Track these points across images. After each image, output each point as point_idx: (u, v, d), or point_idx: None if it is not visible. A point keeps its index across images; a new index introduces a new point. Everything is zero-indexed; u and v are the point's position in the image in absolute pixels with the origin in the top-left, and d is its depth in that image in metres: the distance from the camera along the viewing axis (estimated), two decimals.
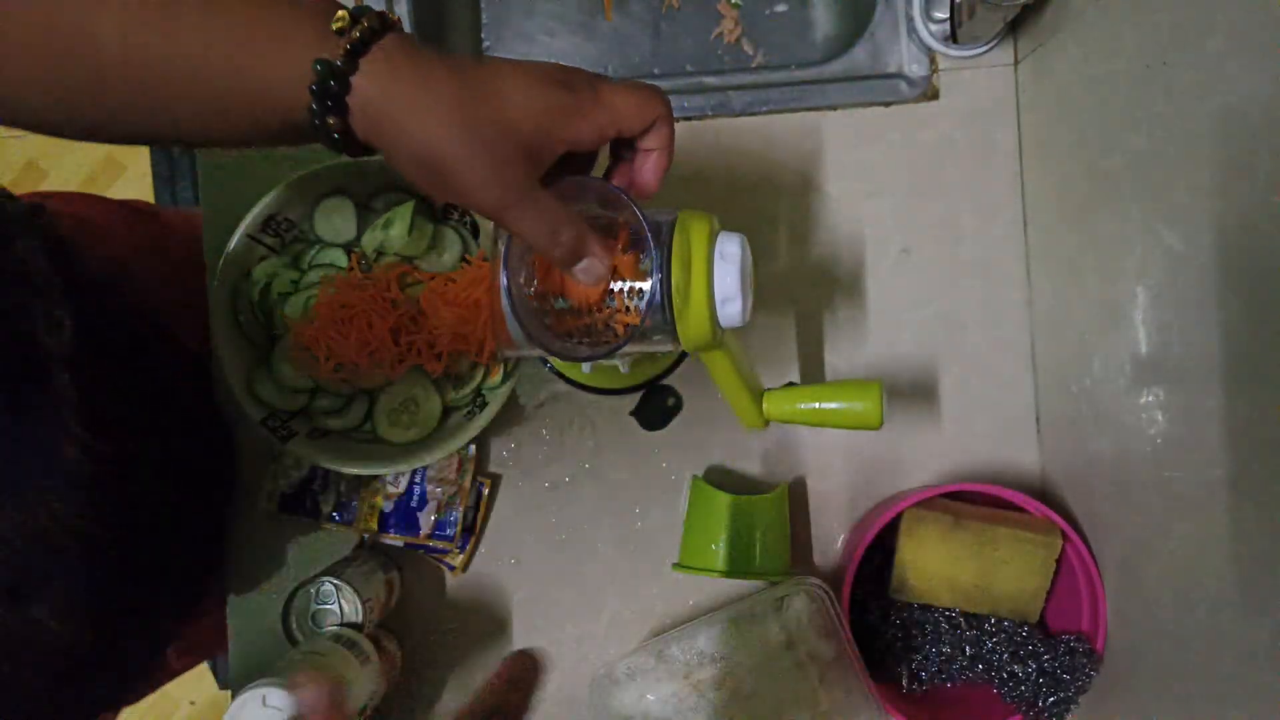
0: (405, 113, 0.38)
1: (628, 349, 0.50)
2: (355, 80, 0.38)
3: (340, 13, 0.39)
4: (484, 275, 0.65)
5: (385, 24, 0.39)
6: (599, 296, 0.48)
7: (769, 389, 0.59)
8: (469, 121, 0.39)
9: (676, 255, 0.47)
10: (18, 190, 0.53)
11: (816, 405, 0.57)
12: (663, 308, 0.47)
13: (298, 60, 0.38)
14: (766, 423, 0.59)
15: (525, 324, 0.48)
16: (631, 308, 0.48)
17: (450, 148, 0.39)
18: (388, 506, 0.72)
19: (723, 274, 0.47)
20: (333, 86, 0.38)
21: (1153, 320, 0.57)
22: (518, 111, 0.40)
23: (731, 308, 0.48)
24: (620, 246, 0.48)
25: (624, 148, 0.48)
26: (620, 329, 0.49)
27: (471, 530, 0.73)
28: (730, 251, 0.47)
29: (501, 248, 0.48)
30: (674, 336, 0.49)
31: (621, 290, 0.48)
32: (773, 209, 0.75)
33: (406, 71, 0.38)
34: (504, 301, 0.48)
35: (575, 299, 0.49)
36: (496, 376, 0.67)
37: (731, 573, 0.68)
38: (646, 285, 0.47)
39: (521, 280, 0.49)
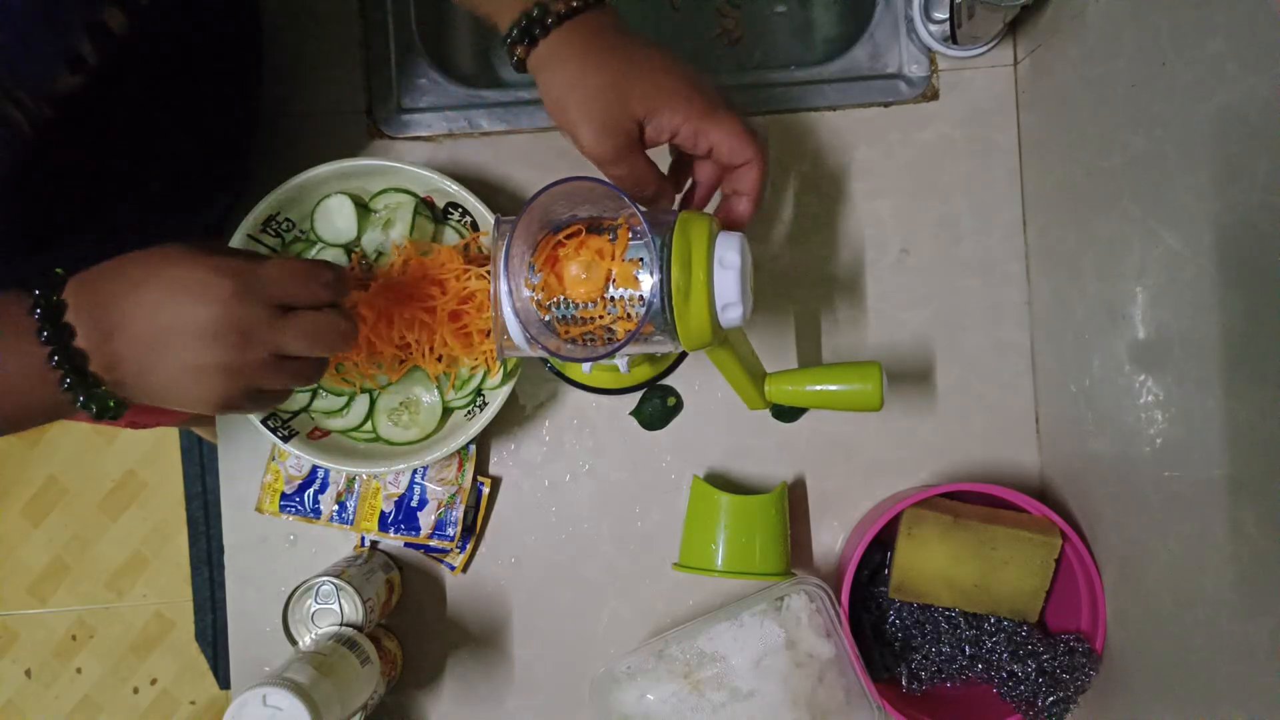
0: (557, 69, 0.51)
1: (629, 349, 0.50)
2: (548, 37, 0.51)
3: None
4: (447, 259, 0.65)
5: (586, 5, 0.52)
6: (599, 294, 0.48)
7: (771, 372, 0.59)
8: (593, 95, 0.51)
9: (677, 256, 0.47)
10: None
11: (818, 387, 0.57)
12: (663, 308, 0.47)
13: None
14: (768, 402, 0.59)
15: (526, 324, 0.48)
16: (633, 314, 0.48)
17: (572, 109, 0.51)
18: (388, 506, 0.72)
19: (723, 281, 0.47)
20: (535, 31, 0.51)
21: (1152, 320, 0.57)
22: (638, 96, 0.51)
23: (732, 312, 0.48)
24: (620, 250, 0.48)
25: (722, 174, 0.57)
26: (622, 334, 0.49)
27: (471, 530, 0.73)
28: (730, 259, 0.47)
29: (502, 250, 0.48)
30: (674, 336, 0.49)
31: (623, 298, 0.48)
32: (773, 209, 0.75)
33: (578, 44, 0.51)
34: (504, 302, 0.49)
35: (576, 297, 0.49)
36: (496, 376, 0.67)
37: (731, 572, 0.68)
38: (647, 289, 0.47)
39: (522, 281, 0.49)
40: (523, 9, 0.51)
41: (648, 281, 0.47)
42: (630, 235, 0.49)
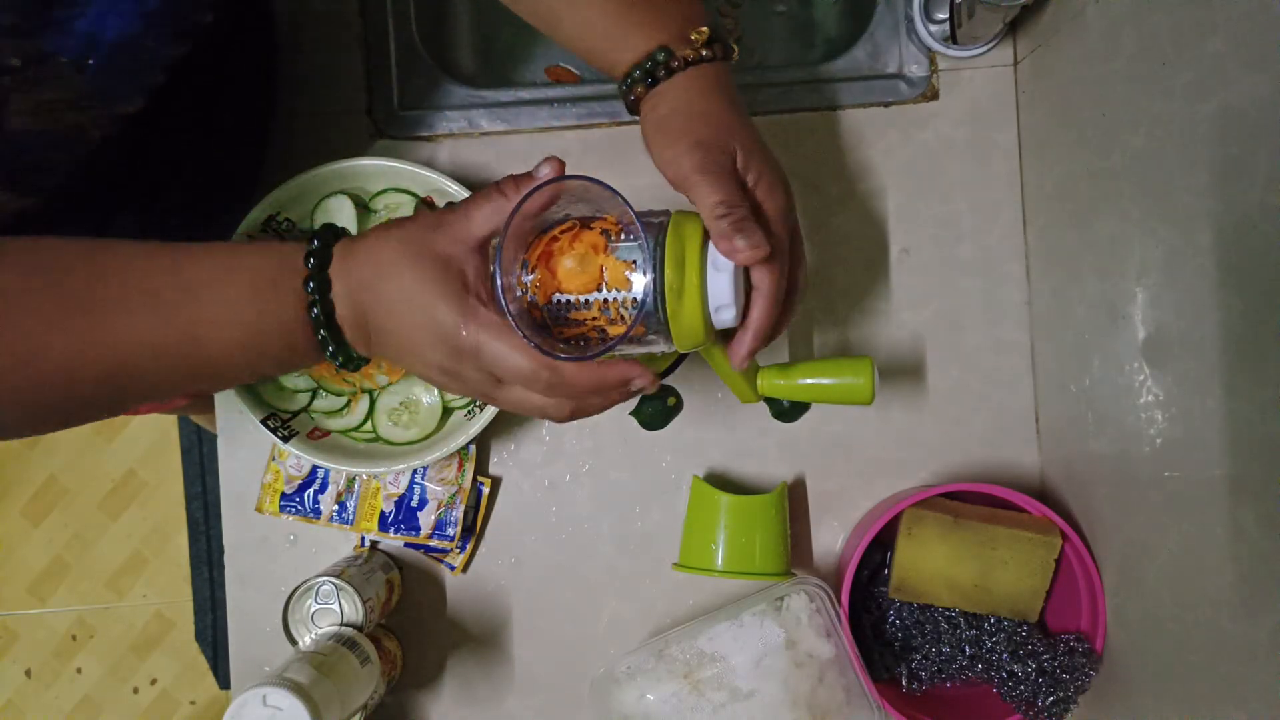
0: (665, 100, 0.53)
1: (621, 349, 0.50)
2: (670, 79, 0.53)
3: (698, 32, 0.53)
4: None
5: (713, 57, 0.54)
6: (595, 287, 0.48)
7: (764, 366, 0.59)
8: (697, 116, 0.52)
9: (670, 256, 0.47)
10: None
11: (810, 381, 0.57)
12: (656, 309, 0.47)
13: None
14: (760, 396, 0.59)
15: (519, 324, 0.48)
16: (625, 315, 0.48)
17: (673, 126, 0.52)
18: (388, 506, 0.72)
19: (716, 282, 0.47)
20: (659, 74, 0.53)
21: (1152, 320, 0.57)
22: (739, 135, 0.52)
23: (726, 314, 0.48)
24: (609, 244, 0.48)
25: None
26: (614, 336, 0.49)
27: (471, 530, 0.73)
28: (723, 261, 0.47)
29: (495, 249, 0.48)
30: (668, 336, 0.48)
31: (616, 299, 0.48)
32: None
33: (696, 85, 0.53)
34: (499, 302, 0.48)
35: (570, 290, 0.48)
36: None
37: (731, 572, 0.68)
38: (640, 291, 0.47)
39: (514, 281, 0.49)
40: (647, 52, 0.53)
41: (640, 282, 0.47)
42: (623, 235, 0.49)
